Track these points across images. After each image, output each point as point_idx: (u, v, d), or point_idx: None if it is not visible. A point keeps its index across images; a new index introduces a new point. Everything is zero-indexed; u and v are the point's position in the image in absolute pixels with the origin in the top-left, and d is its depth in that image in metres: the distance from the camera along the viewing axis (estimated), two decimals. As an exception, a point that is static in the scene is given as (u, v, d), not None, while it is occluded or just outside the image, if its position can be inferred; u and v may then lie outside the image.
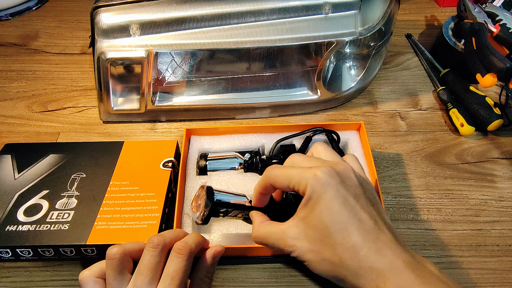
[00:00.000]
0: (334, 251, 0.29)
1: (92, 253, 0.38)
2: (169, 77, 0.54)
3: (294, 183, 0.31)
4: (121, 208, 0.40)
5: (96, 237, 0.37)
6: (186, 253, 0.31)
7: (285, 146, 0.47)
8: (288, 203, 0.36)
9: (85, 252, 0.38)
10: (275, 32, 0.49)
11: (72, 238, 0.37)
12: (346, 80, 0.57)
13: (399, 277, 0.27)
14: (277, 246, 0.32)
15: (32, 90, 0.61)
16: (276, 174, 0.32)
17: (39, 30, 0.72)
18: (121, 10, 0.47)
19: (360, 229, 0.29)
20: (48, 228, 0.38)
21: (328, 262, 0.29)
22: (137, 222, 0.39)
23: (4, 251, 0.38)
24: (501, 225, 0.45)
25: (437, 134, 0.54)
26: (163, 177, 0.44)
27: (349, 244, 0.28)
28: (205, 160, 0.46)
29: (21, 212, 0.40)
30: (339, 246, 0.29)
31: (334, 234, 0.29)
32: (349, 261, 0.28)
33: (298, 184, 0.30)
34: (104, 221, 0.39)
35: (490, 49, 0.49)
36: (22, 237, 0.38)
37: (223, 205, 0.34)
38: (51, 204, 0.41)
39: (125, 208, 0.40)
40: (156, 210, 0.40)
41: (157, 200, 0.41)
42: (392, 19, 0.55)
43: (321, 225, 0.29)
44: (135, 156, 0.46)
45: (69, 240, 0.37)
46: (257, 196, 0.35)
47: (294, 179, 0.31)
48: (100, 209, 0.40)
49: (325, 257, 0.29)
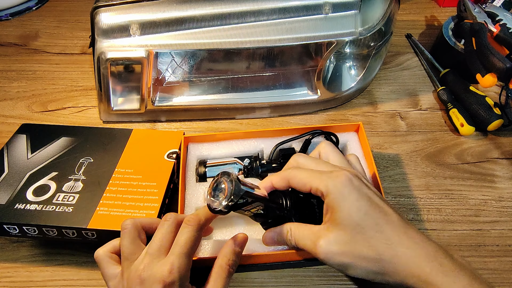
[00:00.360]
0: (369, 246, 0.30)
1: (92, 236, 0.39)
2: (169, 77, 0.54)
3: (316, 186, 0.32)
4: (123, 195, 0.42)
5: (97, 222, 0.39)
6: (195, 224, 0.32)
7: (285, 150, 0.46)
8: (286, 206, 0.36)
9: (86, 235, 0.39)
10: (275, 32, 0.49)
11: (74, 221, 0.39)
12: (346, 80, 0.57)
13: (434, 262, 0.29)
14: (308, 249, 0.33)
15: (32, 90, 0.61)
16: (296, 176, 0.34)
17: (39, 30, 0.72)
18: (121, 10, 0.47)
19: (389, 223, 0.31)
20: (54, 209, 0.40)
21: (365, 259, 0.30)
22: (137, 211, 0.40)
23: (12, 227, 0.39)
24: (501, 225, 0.45)
25: (437, 134, 0.54)
26: (166, 168, 0.45)
27: (382, 237, 0.30)
28: (204, 166, 0.45)
29: (30, 191, 0.42)
30: (373, 240, 0.30)
31: (367, 230, 0.30)
32: (386, 253, 0.30)
33: (318, 187, 0.32)
34: (106, 206, 0.40)
35: (490, 49, 0.49)
36: (29, 216, 0.39)
37: (250, 195, 0.33)
38: (59, 186, 0.42)
39: (127, 196, 0.42)
40: (156, 200, 0.41)
41: (158, 190, 0.42)
42: (392, 19, 0.55)
43: (353, 223, 0.31)
44: (142, 144, 0.48)
45: (72, 223, 0.39)
46: (268, 188, 0.35)
47: (314, 182, 0.32)
48: (103, 195, 0.42)
49: (361, 254, 0.30)
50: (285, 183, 0.34)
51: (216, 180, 0.34)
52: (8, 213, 0.39)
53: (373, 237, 0.30)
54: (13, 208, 0.40)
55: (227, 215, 0.35)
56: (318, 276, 0.41)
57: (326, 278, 0.41)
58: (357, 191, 0.31)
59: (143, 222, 0.34)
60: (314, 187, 0.32)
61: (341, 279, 0.41)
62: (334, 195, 0.31)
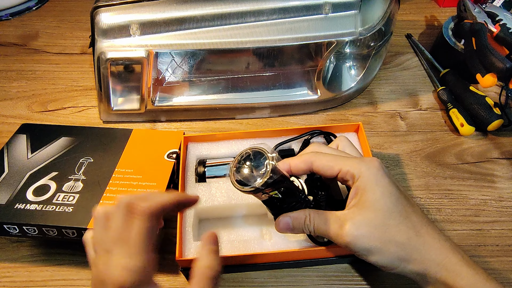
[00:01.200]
0: (400, 231, 0.31)
1: None
2: (169, 77, 0.54)
3: (347, 168, 0.32)
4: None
5: None
6: (144, 214, 0.28)
7: (284, 150, 0.46)
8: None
9: None
10: (275, 32, 0.49)
11: (74, 221, 0.39)
12: (346, 80, 0.57)
13: (458, 254, 0.30)
14: (330, 234, 0.32)
15: (32, 90, 0.61)
16: (322, 158, 0.33)
17: (39, 30, 0.72)
18: (121, 10, 0.47)
19: (415, 212, 0.32)
20: (54, 209, 0.40)
21: (395, 244, 0.31)
22: None
23: (12, 227, 0.39)
24: (501, 225, 0.45)
25: (437, 134, 0.54)
26: (167, 168, 0.45)
27: (411, 224, 0.31)
28: (203, 166, 0.45)
29: (30, 191, 0.42)
30: (403, 226, 0.31)
31: (398, 216, 0.31)
32: (415, 239, 0.31)
33: (350, 169, 0.32)
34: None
35: (490, 49, 0.49)
36: (29, 216, 0.39)
37: (282, 175, 0.30)
38: (59, 186, 0.42)
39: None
40: None
41: (158, 191, 0.42)
42: (392, 19, 0.55)
43: (385, 207, 0.31)
44: (142, 144, 0.48)
45: (72, 223, 0.39)
46: (285, 172, 0.34)
47: (345, 165, 0.33)
48: (103, 195, 0.42)
49: (392, 239, 0.30)
50: (306, 166, 0.34)
51: (244, 156, 0.30)
52: (8, 213, 0.39)
53: (402, 223, 0.31)
54: (13, 208, 0.40)
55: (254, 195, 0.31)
56: (318, 276, 0.41)
57: (326, 278, 0.41)
58: (388, 177, 0.32)
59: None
60: (344, 169, 0.32)
61: (341, 279, 0.41)
62: (368, 178, 0.31)
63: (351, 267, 0.42)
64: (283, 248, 0.39)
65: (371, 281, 0.41)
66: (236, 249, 0.39)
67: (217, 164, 0.45)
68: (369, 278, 0.41)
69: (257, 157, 0.30)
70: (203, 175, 0.45)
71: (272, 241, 0.40)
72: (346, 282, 0.41)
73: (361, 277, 0.41)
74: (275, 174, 0.29)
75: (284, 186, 0.32)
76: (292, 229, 0.34)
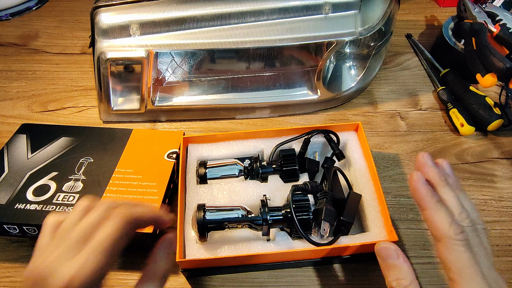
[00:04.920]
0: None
1: None
2: (169, 77, 0.54)
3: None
4: (122, 195, 0.42)
5: None
6: (126, 219, 0.27)
7: (285, 150, 0.46)
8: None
9: None
10: (275, 32, 0.49)
11: None
12: (346, 80, 0.57)
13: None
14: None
15: (32, 90, 0.61)
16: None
17: (39, 30, 0.72)
18: (121, 10, 0.47)
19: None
20: (54, 209, 0.40)
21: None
22: None
23: (12, 227, 0.39)
24: (501, 225, 0.45)
25: (437, 134, 0.54)
26: (166, 168, 0.45)
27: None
28: (204, 168, 0.45)
29: (30, 191, 0.42)
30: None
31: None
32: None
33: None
34: None
35: (490, 49, 0.49)
36: (29, 216, 0.39)
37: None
38: (59, 186, 0.42)
39: (127, 196, 0.42)
40: (156, 200, 0.41)
41: (158, 191, 0.42)
42: (392, 19, 0.55)
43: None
44: (142, 144, 0.48)
45: None
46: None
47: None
48: (103, 195, 0.42)
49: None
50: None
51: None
52: (8, 213, 0.39)
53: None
54: (13, 208, 0.40)
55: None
56: (318, 276, 0.41)
57: (326, 278, 0.41)
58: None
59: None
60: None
61: (341, 279, 0.41)
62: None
63: (351, 267, 0.42)
64: (283, 248, 0.39)
65: (371, 281, 0.41)
66: (237, 249, 0.39)
67: (218, 165, 0.45)
68: (369, 278, 0.41)
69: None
70: (205, 176, 0.45)
71: (273, 241, 0.40)
72: (346, 282, 0.41)
73: (361, 277, 0.41)
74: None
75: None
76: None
